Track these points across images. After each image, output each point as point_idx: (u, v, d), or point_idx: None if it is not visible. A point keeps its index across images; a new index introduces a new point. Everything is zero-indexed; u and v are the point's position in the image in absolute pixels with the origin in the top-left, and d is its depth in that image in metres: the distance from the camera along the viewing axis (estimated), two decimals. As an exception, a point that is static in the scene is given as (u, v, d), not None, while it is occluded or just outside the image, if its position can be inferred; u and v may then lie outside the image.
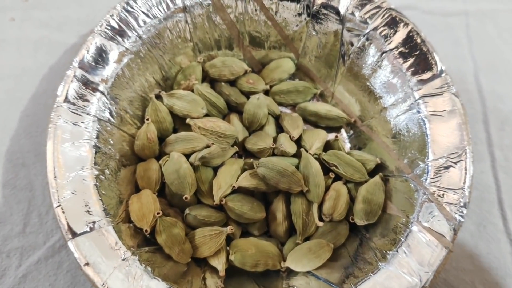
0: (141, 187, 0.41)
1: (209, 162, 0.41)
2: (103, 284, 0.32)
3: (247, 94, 0.47)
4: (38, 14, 0.52)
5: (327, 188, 0.41)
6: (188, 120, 0.43)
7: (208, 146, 0.41)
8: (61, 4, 0.53)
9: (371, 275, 0.35)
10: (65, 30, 0.51)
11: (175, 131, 0.44)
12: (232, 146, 0.43)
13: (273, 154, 0.43)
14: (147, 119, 0.42)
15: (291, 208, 0.41)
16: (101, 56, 0.40)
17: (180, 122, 0.44)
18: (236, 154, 0.44)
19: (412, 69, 0.41)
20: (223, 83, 0.47)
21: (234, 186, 0.40)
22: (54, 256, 0.42)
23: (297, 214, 0.40)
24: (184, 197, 0.39)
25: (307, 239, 0.41)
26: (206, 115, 0.44)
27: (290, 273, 0.39)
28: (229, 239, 0.40)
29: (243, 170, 0.42)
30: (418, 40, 0.42)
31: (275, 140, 0.44)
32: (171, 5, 0.44)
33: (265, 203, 0.42)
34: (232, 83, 0.48)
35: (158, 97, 0.44)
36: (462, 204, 0.36)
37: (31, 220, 0.43)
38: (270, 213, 0.41)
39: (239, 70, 0.47)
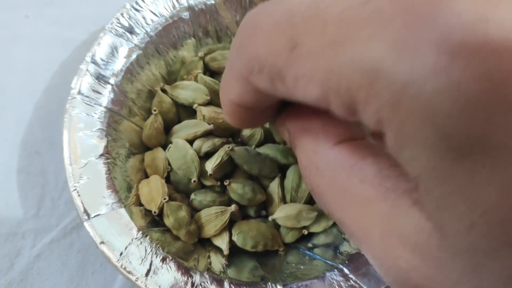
0: (150, 174, 0.43)
1: (212, 154, 0.44)
2: (118, 260, 0.35)
3: (246, 86, 0.49)
4: (51, 12, 0.54)
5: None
6: (195, 106, 0.45)
7: (210, 132, 0.44)
8: (72, 3, 0.55)
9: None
10: (76, 28, 0.53)
11: (179, 122, 0.47)
12: (230, 137, 0.46)
13: None
14: (154, 110, 0.45)
15: (284, 183, 0.43)
16: (111, 51, 0.43)
17: (184, 114, 0.47)
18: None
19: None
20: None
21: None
22: (66, 237, 0.45)
23: (288, 189, 0.43)
24: (192, 180, 0.42)
25: None
26: (210, 103, 0.46)
27: (287, 253, 0.42)
28: (232, 223, 0.43)
29: None
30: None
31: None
32: (176, 4, 0.47)
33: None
34: (232, 76, 0.50)
35: (164, 90, 0.47)
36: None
37: (44, 204, 0.46)
38: (268, 196, 0.44)
39: (238, 63, 0.50)
